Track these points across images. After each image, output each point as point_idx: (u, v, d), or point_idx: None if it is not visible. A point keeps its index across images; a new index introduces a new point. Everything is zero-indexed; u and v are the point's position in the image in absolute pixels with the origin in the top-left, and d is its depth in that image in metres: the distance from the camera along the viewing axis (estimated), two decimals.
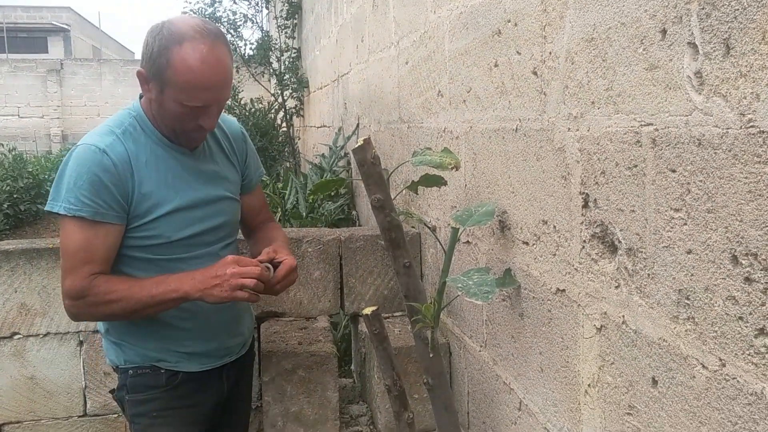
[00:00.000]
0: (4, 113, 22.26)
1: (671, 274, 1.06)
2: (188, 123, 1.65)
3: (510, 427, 1.79)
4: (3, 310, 2.47)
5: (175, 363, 1.77)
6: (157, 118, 1.69)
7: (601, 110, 1.23)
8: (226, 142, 1.88)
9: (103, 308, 1.65)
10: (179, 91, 1.58)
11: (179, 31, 1.58)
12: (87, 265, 1.63)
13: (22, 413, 2.53)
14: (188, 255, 1.73)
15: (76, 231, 1.63)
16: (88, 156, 1.62)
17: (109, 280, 1.65)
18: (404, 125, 2.87)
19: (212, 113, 1.65)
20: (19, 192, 10.35)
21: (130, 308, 1.65)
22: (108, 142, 1.64)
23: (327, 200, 4.59)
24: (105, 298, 1.63)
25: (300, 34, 9.04)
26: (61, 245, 1.67)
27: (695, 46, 0.96)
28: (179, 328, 1.76)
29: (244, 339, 1.95)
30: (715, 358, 0.97)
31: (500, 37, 1.69)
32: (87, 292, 1.62)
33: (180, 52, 1.56)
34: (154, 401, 1.77)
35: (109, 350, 1.82)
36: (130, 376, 1.77)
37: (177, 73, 1.57)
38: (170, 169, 1.71)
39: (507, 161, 1.70)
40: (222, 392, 1.87)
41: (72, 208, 1.61)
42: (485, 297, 1.45)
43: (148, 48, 1.61)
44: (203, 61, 1.57)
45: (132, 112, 1.73)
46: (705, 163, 0.96)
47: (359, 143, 1.63)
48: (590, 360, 1.33)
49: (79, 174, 1.61)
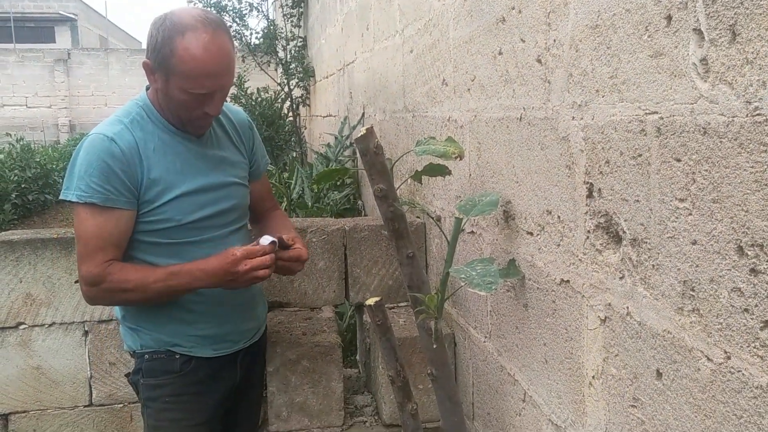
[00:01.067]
0: (12, 103, 22.31)
1: (676, 265, 1.04)
2: (194, 110, 1.70)
3: (514, 418, 1.78)
4: (8, 300, 2.47)
5: (189, 348, 1.82)
6: (164, 107, 1.75)
7: (605, 98, 1.21)
8: (233, 130, 1.93)
9: (119, 295, 1.73)
10: (184, 80, 1.64)
11: (182, 22, 1.64)
12: (101, 252, 1.69)
13: (28, 403, 2.54)
14: (199, 238, 1.77)
15: (89, 218, 1.68)
16: (98, 144, 1.69)
17: (123, 268, 1.71)
18: (409, 114, 2.85)
19: (217, 100, 1.71)
20: (27, 182, 10.40)
21: (144, 297, 1.73)
22: (116, 130, 1.71)
23: (333, 190, 4.58)
24: (120, 287, 1.70)
25: (306, 22, 9.00)
26: (76, 232, 1.72)
27: (701, 33, 0.94)
28: (193, 311, 1.80)
29: (257, 324, 2.00)
30: (720, 350, 0.95)
31: (504, 24, 1.67)
32: (102, 279, 1.69)
33: (183, 42, 1.62)
34: (168, 386, 1.81)
35: (126, 335, 1.87)
36: (146, 361, 1.82)
37: (181, 61, 1.62)
38: (178, 156, 1.76)
39: (511, 150, 1.68)
40: (235, 379, 1.91)
41: (83, 195, 1.67)
42: (488, 288, 1.44)
43: (153, 39, 1.67)
44: (206, 50, 1.63)
45: (139, 102, 1.79)
46: (710, 152, 0.94)
47: (362, 132, 1.62)
48: (594, 352, 1.32)
49: (90, 162, 1.67)
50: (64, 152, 13.38)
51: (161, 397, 1.81)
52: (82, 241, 1.70)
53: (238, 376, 1.92)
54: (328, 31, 6.42)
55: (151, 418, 1.82)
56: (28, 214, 10.32)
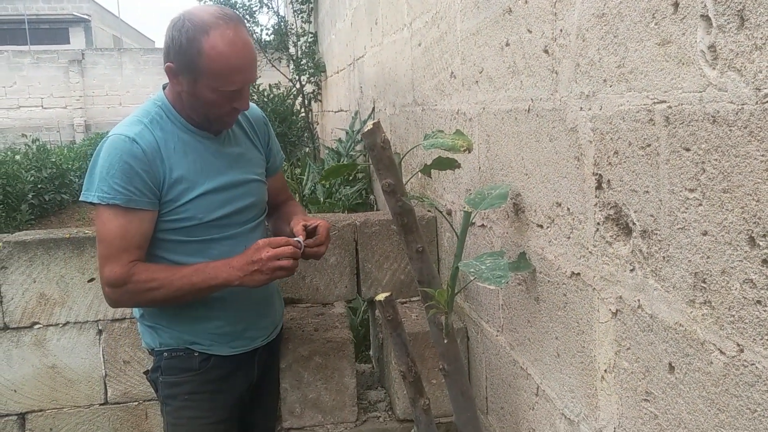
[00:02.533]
0: (28, 104, 22.50)
1: (687, 257, 1.02)
2: (223, 108, 1.71)
3: (528, 412, 1.77)
4: (23, 300, 2.49)
5: (208, 346, 1.83)
6: (189, 108, 1.74)
7: (613, 88, 1.19)
8: (249, 127, 1.93)
9: (144, 296, 1.71)
10: (214, 79, 1.64)
11: (202, 21, 1.62)
12: (125, 253, 1.68)
13: (44, 402, 2.56)
14: (220, 236, 1.78)
15: (112, 219, 1.67)
16: (119, 145, 1.68)
17: (148, 268, 1.70)
18: (418, 108, 2.83)
19: (245, 95, 1.72)
20: (44, 182, 10.49)
21: (170, 296, 1.71)
22: (137, 131, 1.70)
23: (344, 185, 4.57)
24: (145, 287, 1.69)
25: (316, 18, 8.99)
26: (98, 234, 1.71)
27: (708, 19, 0.92)
28: (211, 308, 1.81)
29: (274, 322, 2.02)
30: (733, 343, 0.93)
31: (511, 15, 1.65)
32: (127, 280, 1.68)
33: (209, 41, 1.61)
34: (186, 384, 1.83)
35: (145, 334, 1.88)
36: (165, 358, 1.83)
37: (210, 60, 1.62)
38: (198, 154, 1.76)
39: (520, 143, 1.66)
40: (252, 377, 1.93)
41: (105, 197, 1.66)
42: (498, 282, 1.42)
43: (176, 42, 1.65)
44: (233, 46, 1.62)
45: (157, 102, 1.78)
46: (720, 140, 0.92)
47: (368, 127, 1.60)
48: (606, 345, 1.30)
49: (111, 163, 1.67)
50: (80, 152, 13.48)
51: (180, 394, 1.82)
52: (104, 243, 1.69)
53: (255, 375, 1.94)
54: (337, 26, 6.41)
55: (170, 415, 1.84)
56: (44, 215, 10.41)
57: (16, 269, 2.46)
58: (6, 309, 2.48)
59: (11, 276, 2.46)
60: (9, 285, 2.47)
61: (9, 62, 22.36)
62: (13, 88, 22.38)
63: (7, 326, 2.49)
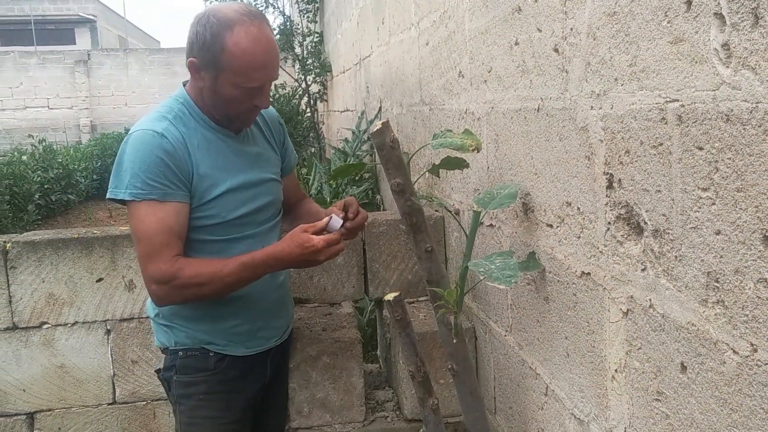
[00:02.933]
0: (34, 105, 22.56)
1: (699, 256, 1.02)
2: (244, 104, 1.71)
3: (537, 412, 1.77)
4: (31, 300, 2.49)
5: (223, 346, 1.83)
6: (210, 104, 1.74)
7: (624, 87, 1.19)
8: (266, 127, 1.94)
9: (191, 291, 1.69)
10: (236, 74, 1.64)
11: (227, 17, 1.63)
12: (167, 248, 1.66)
13: (53, 401, 2.57)
14: (240, 235, 1.78)
15: (149, 215, 1.65)
16: (148, 140, 1.67)
17: (191, 263, 1.69)
18: (426, 107, 2.83)
19: (266, 92, 1.73)
20: (50, 182, 10.51)
21: (216, 291, 1.70)
22: (163, 126, 1.69)
23: (351, 185, 4.57)
24: (192, 282, 1.67)
25: (322, 17, 8.99)
26: (135, 231, 1.68)
27: (722, 17, 0.91)
28: (228, 306, 1.81)
29: (287, 323, 2.02)
30: (747, 343, 0.93)
31: (520, 14, 1.65)
32: (174, 276, 1.65)
33: (233, 37, 1.62)
34: (201, 384, 1.82)
35: (159, 332, 1.88)
36: (180, 358, 1.83)
37: (233, 57, 1.62)
38: (220, 152, 1.76)
39: (529, 142, 1.66)
40: (265, 377, 1.93)
41: (141, 193, 1.64)
42: (508, 281, 1.42)
43: (199, 37, 1.65)
44: (257, 42, 1.63)
45: (179, 99, 1.78)
46: (734, 139, 0.91)
47: (377, 127, 1.60)
48: (617, 345, 1.30)
49: (143, 158, 1.65)
50: (86, 153, 13.50)
51: (195, 394, 1.82)
52: (145, 240, 1.66)
53: (268, 375, 1.94)
54: (344, 25, 6.41)
55: (185, 415, 1.83)
56: (51, 215, 10.44)
57: (25, 269, 2.47)
58: (15, 309, 2.49)
59: (20, 276, 2.47)
60: (18, 285, 2.47)
61: (15, 63, 22.43)
62: (20, 88, 22.46)
63: (16, 326, 2.50)
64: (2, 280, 2.46)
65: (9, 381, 2.52)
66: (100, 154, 13.60)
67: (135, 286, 2.54)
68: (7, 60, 22.45)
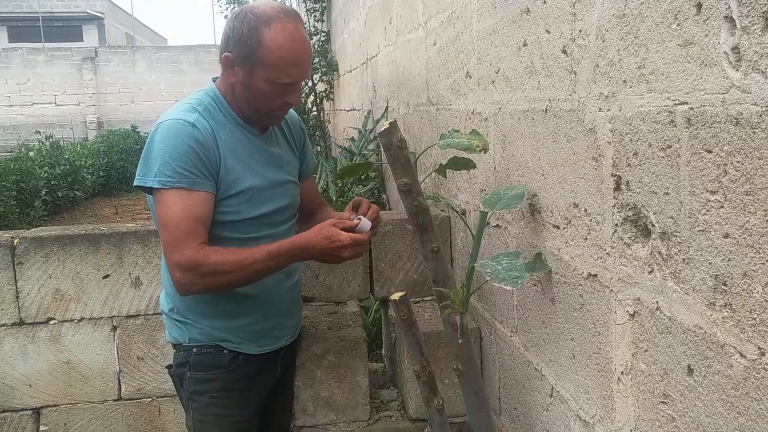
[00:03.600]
0: (41, 101, 22.66)
1: (707, 259, 1.02)
2: (275, 101, 1.73)
3: (542, 413, 1.77)
4: (38, 295, 2.51)
5: (237, 344, 1.84)
6: (241, 101, 1.76)
7: (633, 89, 1.19)
8: (287, 129, 1.96)
9: (216, 279, 1.68)
10: (271, 70, 1.67)
11: (265, 13, 1.67)
12: (192, 236, 1.65)
13: (59, 397, 2.58)
14: (259, 234, 1.79)
15: (177, 202, 1.65)
16: (179, 129, 1.68)
17: (217, 251, 1.68)
18: (433, 107, 2.83)
19: (298, 89, 1.76)
20: (57, 179, 10.55)
21: (241, 279, 1.70)
22: (194, 117, 1.71)
23: (357, 184, 4.58)
24: (218, 269, 1.66)
25: (329, 17, 8.99)
26: (162, 219, 1.67)
27: (732, 20, 0.91)
28: (243, 305, 1.82)
29: (297, 322, 2.04)
30: (754, 346, 0.93)
31: (529, 15, 1.65)
32: (199, 264, 1.64)
33: (270, 33, 1.65)
34: (215, 381, 1.83)
35: (172, 328, 1.88)
36: (194, 354, 1.83)
37: (269, 52, 1.65)
38: (245, 149, 1.78)
39: (537, 143, 1.66)
40: (275, 376, 1.95)
41: (170, 181, 1.64)
42: (515, 282, 1.42)
43: (236, 32, 1.68)
44: (293, 39, 1.67)
45: (209, 93, 1.80)
46: (743, 143, 0.91)
47: (385, 126, 1.60)
48: (623, 347, 1.30)
49: (174, 147, 1.66)
50: (93, 149, 13.55)
51: (209, 391, 1.83)
52: (171, 227, 1.65)
53: (278, 374, 1.96)
54: (351, 25, 6.41)
55: (197, 412, 1.84)
56: (57, 211, 10.48)
57: (32, 265, 2.48)
58: (22, 304, 2.50)
59: (27, 272, 2.48)
60: (25, 281, 2.49)
61: (23, 59, 22.52)
62: (27, 85, 22.55)
63: (23, 321, 2.51)
64: (10, 276, 2.48)
65: (15, 376, 2.53)
66: (107, 150, 13.65)
67: (141, 283, 2.55)
68: (15, 56, 22.55)
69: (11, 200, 8.82)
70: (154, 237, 2.54)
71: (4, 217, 8.52)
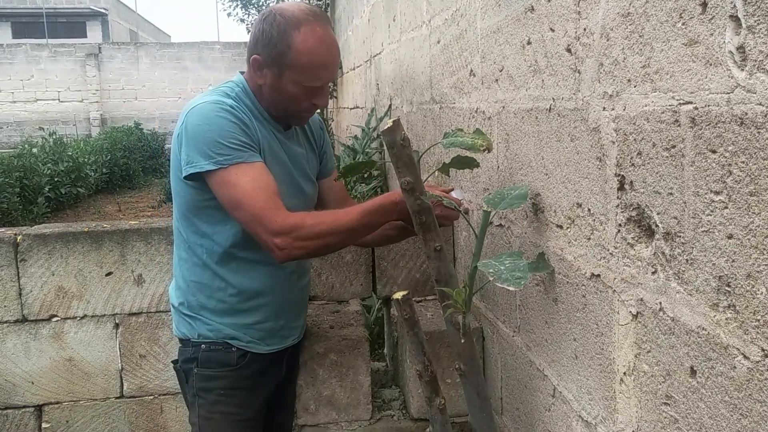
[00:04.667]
0: (45, 98, 22.68)
1: (711, 260, 1.01)
2: (303, 103, 1.75)
3: (544, 413, 1.76)
4: (41, 293, 2.51)
5: (246, 343, 1.84)
6: (269, 102, 1.76)
7: (637, 88, 1.18)
8: (308, 129, 1.97)
9: (315, 242, 1.66)
10: (300, 73, 1.68)
11: (294, 16, 1.66)
12: (273, 204, 1.62)
13: (61, 394, 2.58)
14: None
15: (242, 177, 1.62)
16: (218, 111, 1.66)
17: (311, 214, 1.71)
18: (436, 106, 2.82)
19: (326, 92, 1.77)
20: (60, 175, 10.57)
21: (340, 240, 1.70)
22: (229, 102, 1.70)
23: (360, 182, 4.57)
24: (315, 230, 1.64)
25: (333, 14, 8.98)
26: (232, 198, 1.63)
27: (738, 19, 0.91)
28: (253, 303, 1.82)
29: (303, 324, 2.06)
30: (758, 348, 0.92)
31: (533, 13, 1.64)
32: (295, 226, 1.62)
33: (300, 36, 1.65)
34: (223, 379, 1.83)
35: (180, 323, 1.87)
36: (203, 351, 1.82)
37: (299, 55, 1.66)
38: (268, 142, 1.78)
39: (540, 142, 1.65)
40: (280, 376, 1.96)
41: (226, 159, 1.62)
42: (518, 283, 1.41)
43: (266, 35, 1.68)
44: (322, 42, 1.68)
45: (239, 84, 1.80)
46: (748, 143, 0.91)
47: (388, 125, 1.60)
48: (626, 348, 1.29)
49: (219, 125, 1.63)
50: (96, 146, 13.56)
51: (215, 389, 1.82)
52: (246, 203, 1.61)
53: (283, 374, 1.96)
54: (354, 22, 6.40)
55: (203, 408, 1.83)
56: (60, 208, 10.50)
57: (35, 262, 2.48)
58: (25, 301, 2.50)
59: (30, 269, 2.48)
60: (28, 278, 2.49)
61: (27, 55, 22.55)
62: (31, 81, 22.58)
63: (26, 318, 2.52)
64: (13, 273, 2.48)
65: (18, 373, 2.54)
66: (110, 147, 13.66)
67: (144, 281, 2.55)
68: (19, 52, 22.58)
69: (14, 197, 8.84)
70: (156, 235, 2.54)
71: (7, 214, 8.54)
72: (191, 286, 1.83)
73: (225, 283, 1.80)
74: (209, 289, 1.80)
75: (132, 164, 14.27)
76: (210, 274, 1.80)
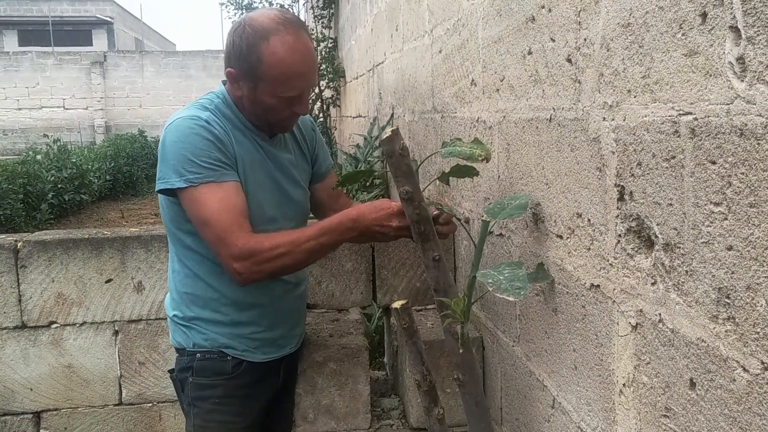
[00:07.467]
0: (50, 105, 22.79)
1: (710, 272, 1.01)
2: (283, 112, 1.71)
3: (543, 424, 1.75)
4: (41, 299, 2.51)
5: (242, 352, 1.82)
6: (249, 113, 1.74)
7: (637, 99, 1.18)
8: (298, 132, 1.93)
9: (272, 264, 1.64)
10: (274, 85, 1.64)
11: (263, 27, 1.62)
12: (237, 226, 1.61)
13: (59, 401, 2.58)
14: None
15: (210, 196, 1.61)
16: (193, 127, 1.64)
17: (268, 236, 1.66)
18: (438, 115, 2.82)
19: (305, 99, 1.72)
20: (64, 182, 10.59)
21: (298, 260, 1.68)
22: (206, 115, 1.68)
23: (362, 191, 4.57)
24: (274, 253, 1.63)
25: (336, 23, 9.02)
26: (199, 217, 1.64)
27: (737, 30, 0.90)
28: (249, 313, 1.81)
29: (301, 333, 2.04)
30: (757, 361, 0.91)
31: (534, 23, 1.64)
32: (253, 251, 1.61)
33: (269, 47, 1.60)
34: (218, 387, 1.82)
35: (176, 332, 1.86)
36: (198, 360, 1.81)
37: (270, 67, 1.61)
38: (251, 153, 1.75)
39: (541, 152, 1.65)
40: (277, 384, 1.95)
41: (197, 177, 1.61)
42: (517, 293, 1.41)
43: (236, 48, 1.64)
44: (293, 52, 1.62)
45: (219, 95, 1.77)
46: (747, 154, 0.90)
47: (387, 134, 1.60)
48: (625, 359, 1.29)
49: (192, 143, 1.62)
50: (100, 153, 13.59)
51: (211, 398, 1.82)
52: (212, 223, 1.61)
53: (279, 383, 1.95)
54: (357, 32, 6.42)
55: (198, 418, 1.83)
56: (63, 214, 10.51)
57: (35, 268, 2.48)
58: (24, 308, 2.50)
59: (30, 275, 2.48)
60: (28, 284, 2.49)
61: (33, 63, 22.66)
62: (36, 88, 22.69)
63: (25, 325, 2.51)
64: (12, 279, 2.48)
65: (16, 379, 2.53)
66: (114, 154, 13.70)
67: (144, 288, 2.55)
68: (25, 60, 22.69)
69: (18, 203, 8.85)
70: (156, 242, 2.54)
71: (10, 220, 8.55)
72: (184, 297, 1.82)
73: (219, 294, 1.79)
74: (202, 300, 1.79)
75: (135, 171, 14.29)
76: (203, 286, 1.79)
